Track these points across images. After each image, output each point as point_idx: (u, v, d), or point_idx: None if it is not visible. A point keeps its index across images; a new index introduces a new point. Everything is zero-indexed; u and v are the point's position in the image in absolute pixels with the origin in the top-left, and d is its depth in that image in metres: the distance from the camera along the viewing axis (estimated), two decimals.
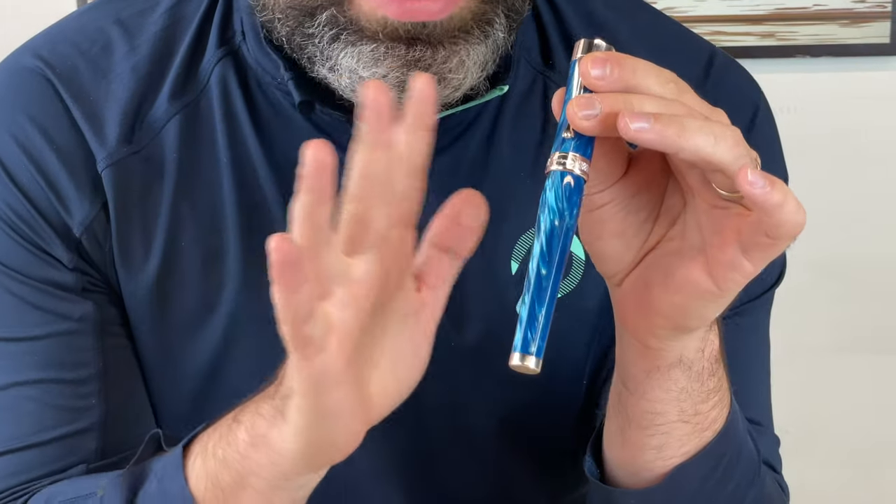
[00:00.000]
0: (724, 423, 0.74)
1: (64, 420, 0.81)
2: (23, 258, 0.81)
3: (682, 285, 0.64)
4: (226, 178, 0.82)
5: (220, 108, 0.82)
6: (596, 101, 0.58)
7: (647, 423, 0.73)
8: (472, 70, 0.74)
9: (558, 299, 0.82)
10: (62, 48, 0.84)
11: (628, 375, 0.72)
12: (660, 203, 0.65)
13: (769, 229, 0.59)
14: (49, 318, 0.81)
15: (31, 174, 0.81)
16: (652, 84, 0.59)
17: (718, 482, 0.76)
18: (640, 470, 0.76)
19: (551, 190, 0.60)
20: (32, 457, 0.80)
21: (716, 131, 0.58)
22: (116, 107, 0.82)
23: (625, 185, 0.64)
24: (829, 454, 1.81)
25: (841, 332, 1.79)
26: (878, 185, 1.73)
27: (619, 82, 0.59)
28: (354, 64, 0.73)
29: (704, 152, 0.58)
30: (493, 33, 0.74)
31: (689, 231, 0.64)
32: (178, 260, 0.81)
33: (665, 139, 0.57)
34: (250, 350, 0.82)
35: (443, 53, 0.72)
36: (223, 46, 0.83)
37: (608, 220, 0.64)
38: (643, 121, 0.57)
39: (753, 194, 0.57)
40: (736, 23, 1.70)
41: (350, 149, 0.79)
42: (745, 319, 0.86)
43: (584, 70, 0.59)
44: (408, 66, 0.71)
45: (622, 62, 0.59)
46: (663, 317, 0.66)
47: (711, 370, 0.71)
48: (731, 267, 0.61)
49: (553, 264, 0.60)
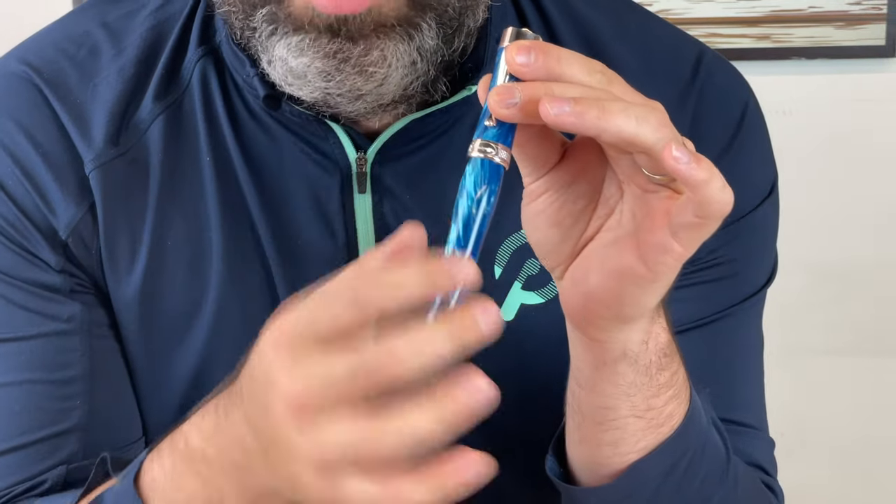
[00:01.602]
0: (682, 419, 0.74)
1: (48, 421, 0.81)
2: (9, 260, 0.81)
3: (616, 271, 0.64)
4: (208, 178, 0.82)
5: (202, 107, 0.83)
6: (516, 90, 0.58)
7: (601, 418, 0.73)
8: (395, 66, 0.74)
9: (543, 304, 0.82)
10: (49, 53, 0.85)
11: (578, 371, 0.73)
12: (597, 193, 0.65)
13: (697, 208, 0.59)
14: (36, 319, 0.81)
15: (18, 178, 0.81)
16: (577, 72, 0.59)
17: (681, 479, 0.76)
18: (598, 467, 0.76)
19: (470, 176, 0.60)
20: (15, 460, 0.81)
21: (638, 113, 0.58)
22: (103, 109, 0.82)
23: (560, 173, 0.64)
24: (825, 456, 1.81)
25: (837, 335, 1.79)
26: (874, 187, 1.73)
27: (543, 70, 0.59)
28: (285, 53, 0.74)
29: (626, 133, 0.58)
30: (417, 36, 0.75)
31: (624, 219, 0.64)
32: (165, 261, 0.82)
33: (585, 121, 0.57)
34: (236, 349, 0.82)
35: (362, 46, 0.73)
36: (203, 45, 0.84)
37: (545, 210, 0.65)
38: (563, 104, 0.57)
39: (678, 170, 0.57)
40: (731, 25, 1.70)
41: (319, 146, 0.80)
42: (736, 320, 0.86)
43: (510, 58, 0.59)
44: (328, 56, 0.73)
45: (547, 50, 0.59)
46: (602, 305, 0.66)
47: (660, 364, 0.71)
48: (662, 249, 0.61)
49: (467, 250, 0.60)
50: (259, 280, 0.82)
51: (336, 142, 0.80)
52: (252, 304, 0.82)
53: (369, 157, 0.80)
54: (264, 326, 0.58)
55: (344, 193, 0.81)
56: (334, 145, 0.80)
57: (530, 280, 0.82)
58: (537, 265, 0.82)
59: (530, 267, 0.82)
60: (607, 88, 0.60)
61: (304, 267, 0.81)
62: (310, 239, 0.81)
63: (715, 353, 0.85)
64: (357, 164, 0.81)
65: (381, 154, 0.81)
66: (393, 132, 0.80)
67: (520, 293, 0.82)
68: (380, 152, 0.81)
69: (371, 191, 0.81)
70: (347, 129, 0.80)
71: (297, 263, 0.81)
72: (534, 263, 0.82)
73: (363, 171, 0.81)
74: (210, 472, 0.65)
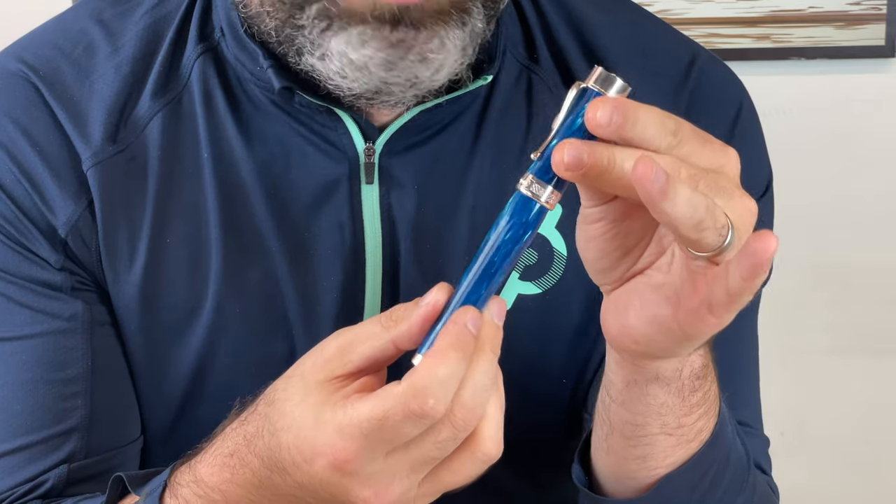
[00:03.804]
0: (711, 433, 0.74)
1: (50, 421, 0.81)
2: (9, 258, 0.81)
3: (654, 320, 0.64)
4: (208, 174, 0.82)
5: (202, 104, 0.83)
6: (584, 155, 0.57)
7: (630, 433, 0.73)
8: (451, 51, 0.75)
9: (540, 294, 0.82)
10: (45, 51, 0.85)
11: (610, 383, 0.73)
12: (651, 231, 0.64)
13: (725, 289, 0.58)
14: (38, 317, 0.81)
15: (15, 176, 0.81)
16: (650, 135, 0.58)
17: (707, 490, 0.76)
18: (625, 478, 0.76)
19: (510, 206, 0.60)
20: (17, 460, 0.81)
21: (679, 200, 0.56)
22: (101, 106, 0.83)
23: (617, 206, 0.63)
24: (824, 456, 1.81)
25: (837, 335, 1.79)
26: (874, 187, 1.73)
27: (617, 136, 0.58)
28: (344, 47, 0.74)
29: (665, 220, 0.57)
30: (470, 21, 0.75)
31: (675, 266, 0.63)
32: (165, 258, 0.82)
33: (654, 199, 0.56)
34: (235, 346, 0.83)
35: (424, 34, 0.73)
36: (203, 42, 0.84)
37: (598, 237, 0.64)
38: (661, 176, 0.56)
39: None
40: (731, 25, 1.70)
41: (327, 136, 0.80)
42: (733, 320, 0.86)
43: (591, 114, 0.58)
44: (392, 46, 0.73)
45: (626, 113, 0.58)
46: (634, 342, 0.66)
47: (693, 387, 0.71)
48: (697, 316, 0.61)
49: (486, 276, 0.60)
50: (259, 276, 0.82)
51: (345, 132, 0.80)
52: (252, 301, 0.82)
53: (378, 147, 0.80)
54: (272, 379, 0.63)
55: (352, 184, 0.81)
56: (343, 135, 0.80)
57: (528, 270, 0.83)
58: (535, 255, 0.82)
59: (528, 256, 0.82)
60: (675, 152, 0.59)
61: (311, 258, 0.81)
62: (316, 230, 0.81)
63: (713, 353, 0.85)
64: (365, 155, 0.81)
65: (389, 145, 0.81)
66: (402, 123, 0.80)
67: (517, 283, 0.82)
68: (388, 143, 0.81)
69: (379, 182, 0.81)
70: (356, 119, 0.80)
71: (304, 255, 0.81)
72: (532, 253, 0.82)
73: (371, 161, 0.81)
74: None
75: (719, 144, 0.61)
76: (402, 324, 0.60)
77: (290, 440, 0.60)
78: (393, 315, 0.61)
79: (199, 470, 0.68)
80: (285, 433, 0.61)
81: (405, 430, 0.58)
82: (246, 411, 0.66)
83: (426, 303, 0.60)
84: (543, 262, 0.82)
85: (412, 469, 0.59)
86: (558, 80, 0.85)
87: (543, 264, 0.82)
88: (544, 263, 0.83)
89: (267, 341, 0.82)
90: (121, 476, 0.74)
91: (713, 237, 0.58)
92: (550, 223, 0.82)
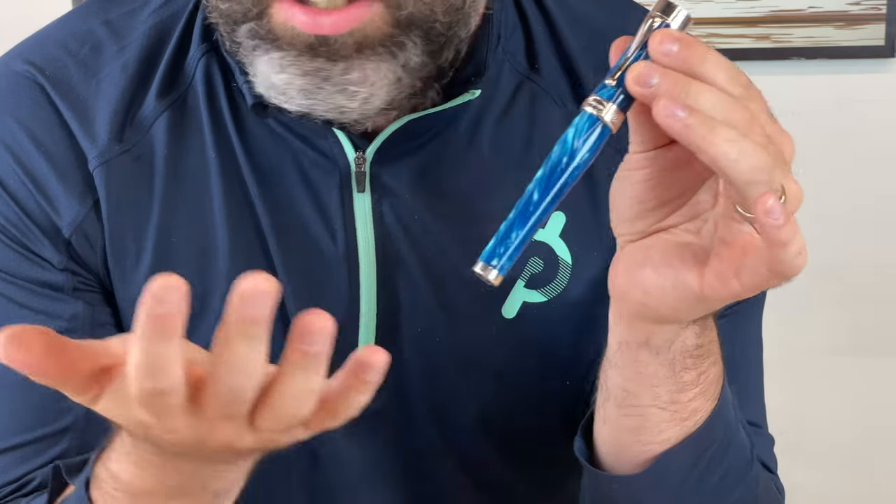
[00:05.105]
0: (708, 414, 0.74)
1: (45, 420, 0.81)
2: (11, 259, 0.81)
3: (672, 278, 0.64)
4: (213, 175, 0.82)
5: (206, 104, 0.83)
6: (656, 75, 0.58)
7: (622, 400, 0.74)
8: (378, 85, 0.74)
9: (545, 302, 0.83)
10: (51, 51, 0.85)
11: (608, 345, 0.73)
12: (692, 191, 0.65)
13: (768, 262, 0.59)
14: (39, 317, 0.81)
15: (19, 177, 0.81)
16: (720, 78, 0.59)
17: (704, 472, 0.76)
18: (622, 452, 0.77)
19: (574, 126, 0.60)
20: (10, 459, 0.81)
21: (746, 148, 0.57)
22: (107, 106, 0.82)
23: (666, 156, 0.63)
24: (824, 455, 1.81)
25: (838, 335, 1.79)
26: (874, 187, 1.73)
27: (685, 65, 0.58)
28: (267, 69, 0.74)
29: (722, 164, 0.57)
30: (402, 55, 0.74)
31: (705, 232, 0.64)
32: (171, 258, 0.81)
33: (689, 135, 0.57)
34: None
35: (342, 66, 0.73)
36: (206, 42, 0.84)
37: (636, 184, 0.64)
38: (678, 109, 0.57)
39: (764, 223, 0.57)
40: (731, 25, 1.70)
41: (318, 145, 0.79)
42: (737, 318, 0.86)
43: (653, 44, 0.59)
44: (308, 74, 0.73)
45: (693, 46, 0.58)
46: (644, 294, 0.66)
47: (685, 365, 0.72)
48: (723, 281, 0.62)
49: (547, 195, 0.60)
50: None
51: (335, 141, 0.80)
52: None
53: (368, 156, 0.80)
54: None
55: (343, 193, 0.81)
56: (333, 144, 0.80)
57: (534, 278, 0.83)
58: (541, 263, 0.82)
59: (534, 265, 0.82)
60: (745, 103, 0.59)
61: (306, 265, 0.81)
62: (311, 237, 0.81)
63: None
64: (356, 164, 0.81)
65: (380, 153, 0.81)
66: (391, 132, 0.80)
67: (522, 291, 0.82)
68: (378, 152, 0.81)
69: (370, 190, 0.81)
70: (346, 128, 0.80)
71: (299, 262, 0.81)
72: (537, 262, 0.82)
73: (362, 170, 0.81)
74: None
75: (778, 123, 0.61)
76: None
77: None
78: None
79: (112, 468, 0.67)
80: None
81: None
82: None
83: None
84: (549, 271, 0.83)
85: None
86: (563, 88, 0.84)
87: (548, 272, 0.82)
88: (549, 272, 0.83)
89: (272, 345, 0.82)
90: (58, 465, 0.74)
91: (764, 182, 0.58)
92: (555, 231, 0.83)
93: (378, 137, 0.80)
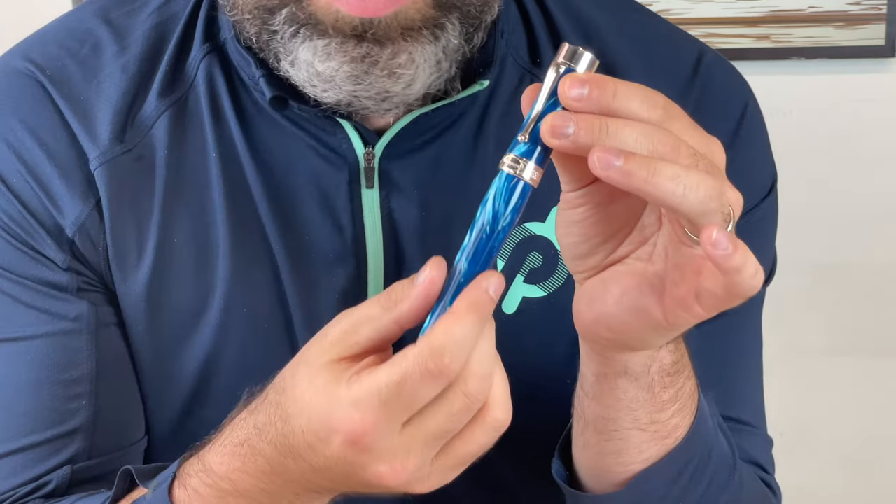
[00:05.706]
0: (687, 430, 0.74)
1: (54, 421, 0.81)
2: (15, 258, 0.81)
3: (633, 308, 0.63)
4: (214, 174, 0.82)
5: (208, 104, 0.83)
6: (571, 122, 0.57)
7: (602, 427, 0.74)
8: (422, 67, 0.74)
9: (545, 297, 0.82)
10: (52, 50, 0.85)
11: (582, 376, 0.73)
12: (635, 218, 0.64)
13: (725, 286, 0.58)
14: (43, 317, 0.81)
15: (22, 176, 0.81)
16: (636, 108, 0.57)
17: (686, 486, 0.76)
18: (603, 474, 0.77)
19: (493, 188, 0.60)
20: (21, 460, 0.80)
21: (688, 182, 0.56)
22: (108, 106, 0.83)
23: (599, 190, 0.62)
24: (824, 456, 1.81)
25: (837, 335, 1.79)
26: (874, 187, 1.73)
27: (597, 107, 0.57)
28: (311, 57, 0.74)
29: (671, 202, 0.56)
30: (443, 37, 0.75)
31: (656, 256, 0.63)
32: (172, 258, 0.82)
33: (631, 181, 0.56)
34: (241, 347, 0.82)
35: (390, 49, 0.73)
36: (208, 42, 0.84)
37: (578, 222, 0.64)
38: (613, 159, 0.55)
39: (714, 255, 0.56)
40: (731, 25, 1.70)
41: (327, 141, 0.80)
42: (736, 319, 0.86)
43: (563, 90, 0.57)
44: (356, 60, 0.73)
45: (603, 85, 0.57)
46: (609, 330, 0.66)
47: (663, 384, 0.71)
48: (683, 306, 0.61)
49: (477, 263, 0.59)
50: (266, 277, 0.82)
51: (344, 137, 0.80)
52: (259, 301, 0.82)
53: (377, 152, 0.81)
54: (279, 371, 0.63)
55: (352, 188, 0.81)
56: (342, 140, 0.80)
57: (532, 273, 0.83)
58: (540, 258, 0.82)
59: (533, 260, 0.82)
60: (665, 125, 0.58)
61: (312, 263, 0.81)
62: (318, 235, 0.81)
63: (715, 351, 0.85)
64: (365, 159, 0.81)
65: (389, 149, 0.81)
66: (400, 127, 0.80)
67: (522, 286, 0.82)
68: (387, 147, 0.81)
69: (379, 186, 0.81)
70: (355, 124, 0.80)
71: (305, 260, 0.81)
72: (536, 256, 0.82)
73: (371, 166, 0.81)
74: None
75: (704, 132, 0.60)
76: (402, 303, 0.59)
77: (303, 424, 0.60)
78: (392, 296, 0.60)
79: (209, 459, 0.67)
80: (297, 418, 0.61)
81: (422, 393, 0.57)
82: (255, 401, 0.66)
83: (423, 279, 0.59)
84: (548, 266, 0.83)
85: (426, 443, 0.59)
86: None
87: (548, 267, 0.82)
88: (549, 267, 0.83)
89: (272, 343, 0.82)
90: (129, 469, 0.74)
91: (719, 221, 0.57)
92: (553, 225, 0.83)
93: (387, 133, 0.80)
